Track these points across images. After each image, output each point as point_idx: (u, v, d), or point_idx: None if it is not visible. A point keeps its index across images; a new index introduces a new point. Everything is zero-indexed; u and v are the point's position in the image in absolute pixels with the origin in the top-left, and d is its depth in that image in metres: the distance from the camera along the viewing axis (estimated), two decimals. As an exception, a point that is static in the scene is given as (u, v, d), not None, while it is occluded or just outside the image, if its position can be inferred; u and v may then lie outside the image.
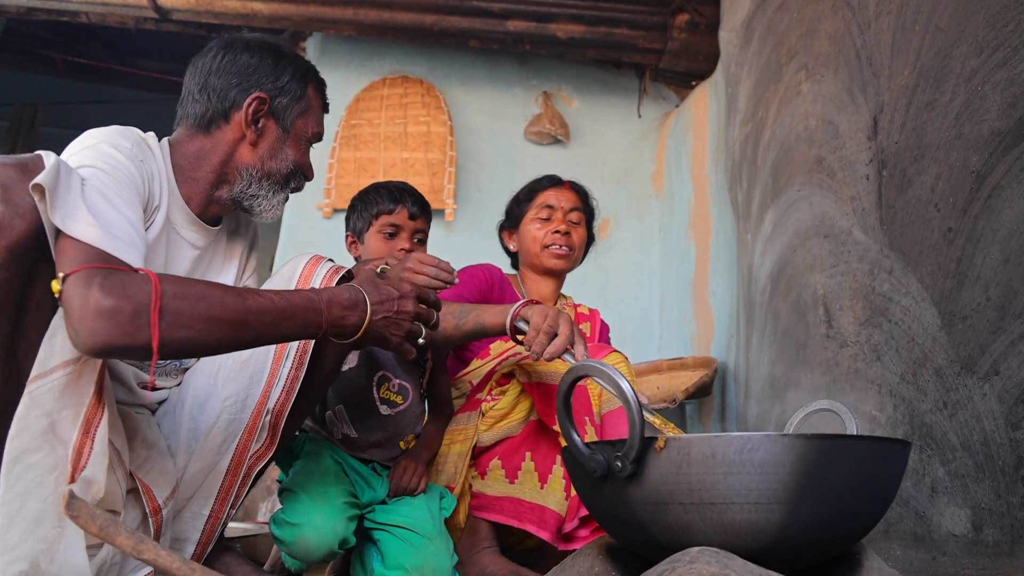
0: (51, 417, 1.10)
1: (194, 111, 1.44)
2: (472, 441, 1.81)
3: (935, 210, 1.82)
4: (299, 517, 1.52)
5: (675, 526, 1.05)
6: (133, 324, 1.06)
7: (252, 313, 1.17)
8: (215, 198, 1.45)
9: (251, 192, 1.46)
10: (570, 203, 2.12)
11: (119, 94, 5.96)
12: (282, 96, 1.46)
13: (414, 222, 1.90)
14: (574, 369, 1.18)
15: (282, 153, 1.48)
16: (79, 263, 1.07)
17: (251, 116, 1.43)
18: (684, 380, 3.15)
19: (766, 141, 2.62)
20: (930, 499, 1.75)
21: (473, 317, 1.65)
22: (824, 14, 2.33)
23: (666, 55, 4.00)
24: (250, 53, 1.45)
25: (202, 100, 1.43)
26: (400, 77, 4.21)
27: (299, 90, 1.48)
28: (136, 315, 1.06)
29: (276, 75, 1.46)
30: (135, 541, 0.94)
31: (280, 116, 1.47)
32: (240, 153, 1.45)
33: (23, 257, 1.10)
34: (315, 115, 1.53)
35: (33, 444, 1.09)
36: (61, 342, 1.11)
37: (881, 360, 1.93)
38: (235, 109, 1.43)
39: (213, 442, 1.40)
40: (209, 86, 1.43)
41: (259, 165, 1.45)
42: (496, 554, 1.74)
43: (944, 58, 1.83)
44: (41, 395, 1.10)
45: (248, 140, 1.44)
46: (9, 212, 1.08)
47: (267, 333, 1.19)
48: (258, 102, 1.43)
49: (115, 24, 3.91)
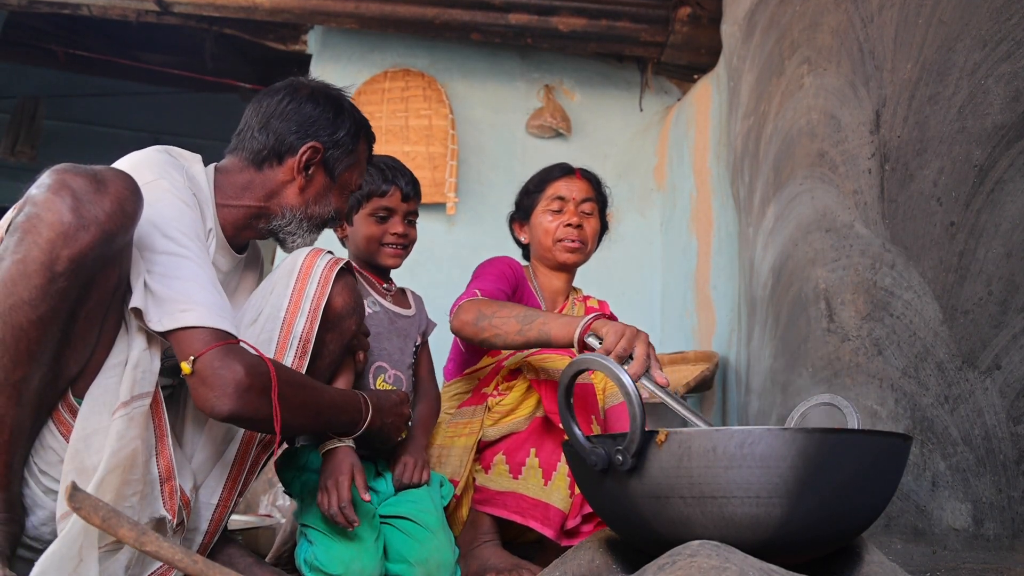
0: (135, 443, 1.23)
1: (251, 146, 1.51)
2: (477, 435, 1.80)
3: (937, 204, 1.81)
4: (337, 567, 1.47)
5: (676, 520, 1.06)
6: (261, 400, 1.24)
7: (325, 405, 1.41)
8: (251, 226, 1.52)
9: (290, 230, 1.53)
10: (582, 193, 2.07)
11: (120, 87, 5.96)
12: (335, 149, 1.53)
13: (407, 203, 1.84)
14: (576, 363, 1.18)
15: (326, 200, 1.55)
16: (206, 343, 1.22)
17: (303, 163, 1.50)
18: (685, 374, 3.15)
19: (768, 135, 2.62)
20: (931, 493, 1.75)
21: (538, 325, 1.61)
22: (827, 7, 2.32)
23: (668, 48, 3.99)
24: (314, 104, 1.52)
25: (260, 138, 1.50)
26: (401, 70, 4.20)
27: (351, 145, 1.56)
28: (263, 393, 1.24)
29: (334, 129, 1.53)
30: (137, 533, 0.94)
31: (330, 166, 1.54)
32: (286, 194, 1.52)
33: (83, 269, 1.13)
34: (360, 168, 1.62)
35: (120, 463, 1.20)
36: (143, 374, 1.25)
37: (882, 354, 1.93)
38: (290, 154, 1.50)
39: (218, 432, 1.43)
40: (270, 127, 1.50)
41: (303, 208, 1.52)
42: (497, 547, 1.75)
43: (947, 52, 1.83)
44: (132, 419, 1.22)
45: (297, 184, 1.51)
46: (76, 223, 1.11)
47: (333, 421, 1.45)
48: (312, 151, 1.50)
49: (116, 17, 3.90)
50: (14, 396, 1.12)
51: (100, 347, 1.23)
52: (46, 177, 1.14)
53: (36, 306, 1.10)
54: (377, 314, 1.83)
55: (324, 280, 1.47)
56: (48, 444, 1.23)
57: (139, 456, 1.23)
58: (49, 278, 1.10)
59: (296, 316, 1.44)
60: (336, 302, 1.48)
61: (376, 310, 1.83)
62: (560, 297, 2.11)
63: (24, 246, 1.10)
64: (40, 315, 1.10)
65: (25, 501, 1.23)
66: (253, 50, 4.68)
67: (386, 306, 1.85)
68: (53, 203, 1.11)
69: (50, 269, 1.10)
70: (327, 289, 1.46)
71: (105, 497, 1.17)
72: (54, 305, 1.12)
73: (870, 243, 2.02)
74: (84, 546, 1.14)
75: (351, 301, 1.51)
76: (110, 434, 1.19)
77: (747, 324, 2.80)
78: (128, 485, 1.22)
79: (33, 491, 1.23)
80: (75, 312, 1.17)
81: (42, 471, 1.23)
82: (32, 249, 1.10)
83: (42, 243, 1.10)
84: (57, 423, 1.23)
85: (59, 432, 1.22)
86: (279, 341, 1.43)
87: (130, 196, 1.17)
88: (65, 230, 1.10)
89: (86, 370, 1.23)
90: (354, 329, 1.55)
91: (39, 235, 1.10)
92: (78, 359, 1.22)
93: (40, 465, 1.23)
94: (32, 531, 1.24)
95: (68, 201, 1.11)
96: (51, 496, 1.23)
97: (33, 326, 1.10)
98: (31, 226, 1.11)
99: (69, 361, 1.20)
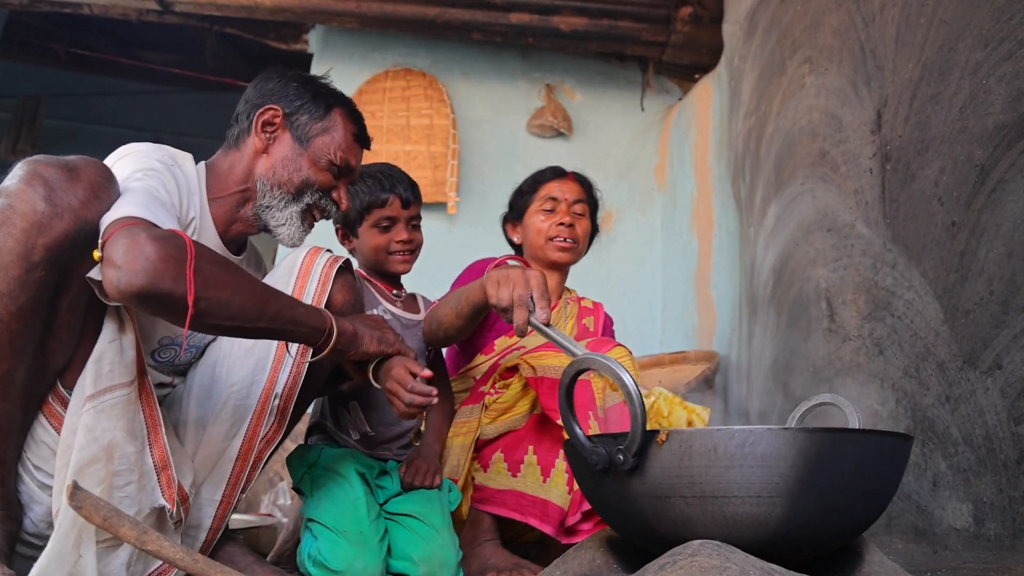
0: (111, 434, 1.19)
1: (230, 134, 1.54)
2: (475, 434, 1.81)
3: (939, 204, 1.81)
4: (340, 563, 1.49)
5: (677, 519, 1.06)
6: (176, 270, 1.12)
7: (271, 291, 1.28)
8: (239, 216, 1.51)
9: (266, 204, 1.50)
10: (574, 195, 2.10)
11: (121, 86, 5.95)
12: (299, 113, 1.52)
13: (408, 209, 1.83)
14: (576, 362, 1.18)
15: (295, 164, 1.51)
16: (117, 227, 1.13)
17: (260, 125, 1.50)
18: (686, 374, 3.15)
19: (769, 134, 2.62)
20: (932, 493, 1.75)
21: (465, 299, 1.64)
22: (828, 7, 2.32)
23: (669, 48, 3.99)
24: (279, 78, 1.55)
25: (235, 124, 1.54)
26: (403, 70, 4.20)
27: (318, 110, 1.53)
28: (177, 263, 1.12)
29: (297, 95, 1.53)
30: (138, 532, 0.94)
31: (296, 129, 1.52)
32: (257, 165, 1.51)
33: (60, 257, 1.14)
34: (339, 140, 1.54)
35: (97, 456, 1.18)
36: (109, 366, 1.20)
37: (883, 354, 1.93)
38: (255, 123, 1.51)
39: (220, 428, 1.42)
40: (239, 110, 1.54)
41: (271, 174, 1.50)
42: (498, 547, 1.75)
43: (949, 51, 1.83)
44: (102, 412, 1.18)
45: (260, 146, 1.50)
46: (50, 212, 1.12)
47: (283, 314, 1.27)
48: (271, 113, 1.50)
49: (117, 16, 3.90)
50: (0, 390, 1.12)
51: (86, 337, 1.23)
52: (19, 168, 1.15)
53: (15, 297, 1.10)
54: (388, 321, 1.83)
55: (324, 278, 1.48)
56: (40, 438, 1.23)
57: (121, 448, 1.21)
58: (26, 268, 1.10)
59: None
60: (336, 299, 1.49)
61: (387, 317, 1.84)
62: (552, 297, 2.11)
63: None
64: (20, 306, 1.11)
65: (22, 498, 1.23)
66: (254, 49, 4.68)
67: (396, 312, 1.86)
68: (26, 193, 1.11)
69: (27, 259, 1.10)
70: (327, 286, 1.47)
71: (96, 489, 1.17)
72: (33, 295, 1.12)
73: (871, 243, 2.02)
74: (81, 542, 1.14)
75: (351, 298, 1.52)
76: (79, 428, 1.17)
77: (748, 324, 2.80)
78: (119, 476, 1.21)
79: (29, 487, 1.23)
80: (56, 302, 1.17)
81: (36, 466, 1.23)
82: (7, 240, 1.10)
83: (17, 233, 1.10)
84: (48, 416, 1.22)
85: (51, 426, 1.22)
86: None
87: (103, 182, 1.18)
88: (39, 219, 1.11)
89: (73, 361, 1.22)
90: None
91: (13, 226, 1.10)
92: (64, 350, 1.21)
93: (33, 460, 1.23)
94: (32, 528, 1.24)
95: (41, 191, 1.12)
96: (47, 491, 1.23)
97: (13, 318, 1.11)
98: (5, 217, 1.11)
99: (55, 352, 1.20)
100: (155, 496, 1.28)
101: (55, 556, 1.11)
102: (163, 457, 1.29)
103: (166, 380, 1.47)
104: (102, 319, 1.23)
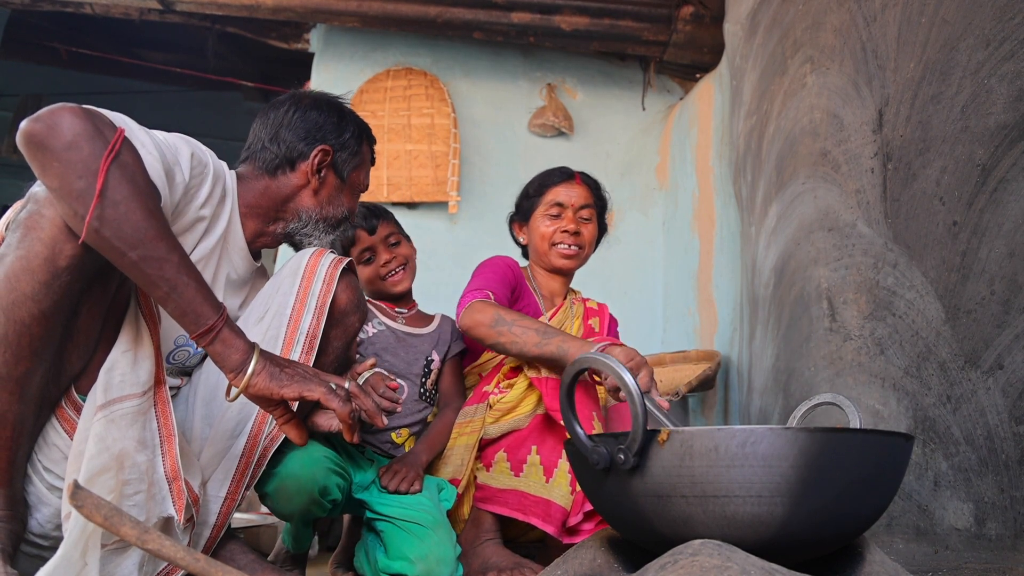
0: (121, 444, 1.19)
1: (263, 157, 1.57)
2: (479, 433, 1.81)
3: (940, 204, 1.81)
4: (279, 467, 1.48)
5: (678, 519, 1.05)
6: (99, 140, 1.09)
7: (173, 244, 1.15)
8: (267, 231, 1.56)
9: (306, 232, 1.58)
10: (581, 199, 2.08)
11: (123, 85, 5.95)
12: (343, 151, 1.61)
13: (375, 234, 1.93)
14: (577, 361, 1.18)
15: (338, 200, 1.62)
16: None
17: (315, 166, 1.57)
18: (687, 373, 3.15)
19: (771, 134, 2.62)
20: (933, 493, 1.75)
21: (557, 342, 1.68)
22: (830, 6, 2.31)
23: (670, 47, 3.99)
24: (318, 111, 1.60)
25: (272, 149, 1.56)
26: (404, 69, 4.20)
27: (356, 146, 1.64)
28: (98, 136, 1.09)
29: (339, 132, 1.61)
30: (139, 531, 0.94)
31: (339, 168, 1.61)
32: (301, 197, 1.57)
33: (86, 264, 1.14)
34: (366, 168, 1.70)
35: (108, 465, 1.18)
36: (120, 377, 1.20)
37: (885, 354, 1.93)
38: (301, 159, 1.57)
39: (226, 427, 1.44)
40: (280, 138, 1.57)
41: (318, 210, 1.58)
42: (499, 546, 1.75)
43: (950, 51, 1.82)
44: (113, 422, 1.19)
45: (311, 187, 1.58)
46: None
47: (167, 273, 1.13)
48: (323, 154, 1.58)
49: (119, 15, 3.90)
50: (16, 392, 1.13)
51: (103, 343, 1.24)
52: None
53: (39, 301, 1.11)
54: (382, 332, 1.92)
55: (329, 278, 1.49)
56: (52, 441, 1.23)
57: (132, 457, 1.21)
58: (53, 273, 1.11)
59: (303, 313, 1.46)
60: (340, 299, 1.51)
61: (381, 329, 1.93)
62: (558, 298, 2.12)
63: (27, 242, 1.11)
64: (43, 310, 1.11)
65: (29, 498, 1.23)
66: (256, 48, 4.69)
67: (392, 326, 1.95)
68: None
69: (53, 264, 1.11)
70: (332, 287, 1.49)
71: (106, 498, 1.17)
72: (57, 300, 1.12)
73: (872, 242, 2.02)
74: (88, 549, 1.14)
75: (354, 298, 1.54)
76: (90, 437, 1.18)
77: (749, 323, 2.80)
78: (128, 485, 1.22)
79: (38, 488, 1.23)
80: (77, 308, 1.18)
81: (46, 468, 1.23)
82: (35, 244, 1.11)
83: (45, 239, 1.11)
84: (61, 420, 1.23)
85: (63, 429, 1.23)
86: (286, 337, 1.45)
87: None
88: (67, 225, 1.11)
89: (89, 367, 1.23)
90: (357, 326, 1.58)
91: (42, 231, 1.11)
92: (81, 355, 1.22)
93: (44, 462, 1.23)
94: (37, 528, 1.24)
95: None
96: (56, 493, 1.23)
97: (36, 321, 1.11)
98: (34, 223, 1.11)
99: (72, 357, 1.21)
100: (165, 506, 1.28)
101: (62, 562, 1.11)
102: (175, 468, 1.29)
103: (175, 383, 1.48)
104: (120, 326, 1.24)
